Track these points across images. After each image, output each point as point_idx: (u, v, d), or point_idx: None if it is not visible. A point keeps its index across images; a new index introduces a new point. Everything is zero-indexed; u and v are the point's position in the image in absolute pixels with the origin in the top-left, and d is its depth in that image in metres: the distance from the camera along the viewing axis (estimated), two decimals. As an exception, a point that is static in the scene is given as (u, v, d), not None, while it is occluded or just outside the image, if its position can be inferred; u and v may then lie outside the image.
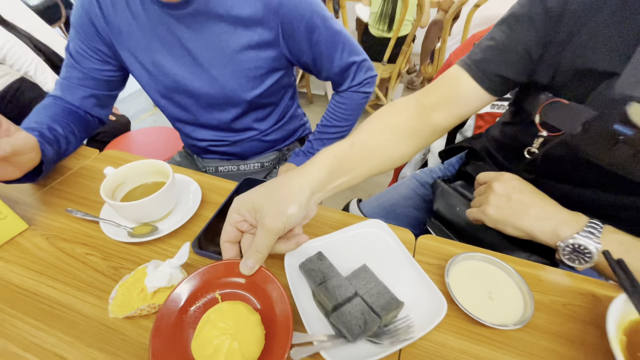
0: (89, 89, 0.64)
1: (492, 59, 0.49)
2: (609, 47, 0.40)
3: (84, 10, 0.58)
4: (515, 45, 0.47)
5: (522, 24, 0.46)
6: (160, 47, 0.60)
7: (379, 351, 0.33)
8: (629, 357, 0.30)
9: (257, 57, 0.61)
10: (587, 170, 0.45)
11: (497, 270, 0.40)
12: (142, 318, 0.37)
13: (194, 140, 0.75)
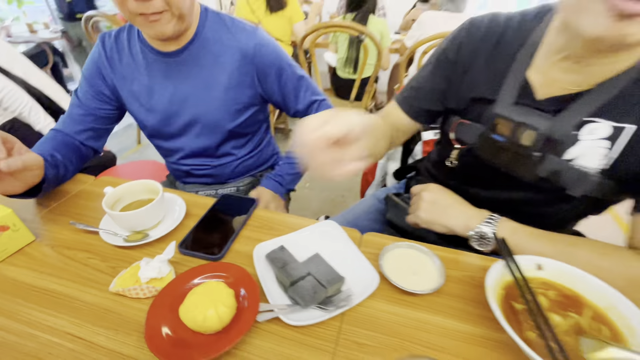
0: (88, 123, 0.75)
1: (415, 96, 0.65)
2: (488, 80, 0.55)
3: (94, 61, 0.73)
4: (430, 84, 0.63)
5: (434, 69, 0.62)
6: (158, 88, 0.73)
7: (325, 314, 0.43)
8: (505, 304, 0.42)
9: (237, 95, 0.75)
10: (489, 173, 0.58)
11: (420, 254, 0.52)
12: (135, 300, 0.45)
13: (179, 164, 0.86)
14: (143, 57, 0.72)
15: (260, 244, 0.52)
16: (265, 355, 0.39)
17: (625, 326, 0.39)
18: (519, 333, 0.37)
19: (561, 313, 0.41)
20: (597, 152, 0.46)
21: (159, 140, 0.83)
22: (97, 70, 0.73)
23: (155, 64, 0.72)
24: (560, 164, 0.48)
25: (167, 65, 0.71)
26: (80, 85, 0.75)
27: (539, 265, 0.45)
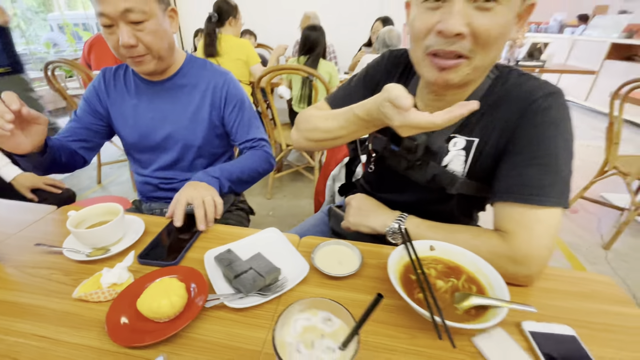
0: (82, 135, 0.89)
1: (344, 102, 0.76)
2: None
3: (93, 86, 0.90)
4: (356, 95, 0.75)
5: (361, 83, 0.76)
6: (142, 107, 0.89)
7: (264, 299, 0.52)
8: (404, 277, 0.54)
9: (207, 116, 0.91)
10: (396, 179, 0.73)
11: (345, 248, 0.63)
12: (97, 304, 0.52)
13: (151, 177, 0.97)
14: (135, 85, 0.89)
15: (210, 250, 0.61)
16: (212, 335, 0.47)
17: (488, 283, 0.52)
18: (411, 296, 0.49)
19: (444, 279, 0.54)
20: (460, 160, 0.63)
21: (137, 152, 0.95)
22: (95, 93, 0.90)
23: (143, 90, 0.89)
24: (438, 169, 0.64)
25: (153, 91, 0.89)
26: (80, 105, 0.91)
27: (432, 246, 0.59)
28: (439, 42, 0.50)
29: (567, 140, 0.55)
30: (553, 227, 0.54)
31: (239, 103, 0.94)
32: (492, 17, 0.47)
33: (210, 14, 2.05)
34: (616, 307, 0.53)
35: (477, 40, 0.48)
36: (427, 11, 0.50)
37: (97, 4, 0.71)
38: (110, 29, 0.74)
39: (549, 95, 0.55)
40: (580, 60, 4.68)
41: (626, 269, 1.69)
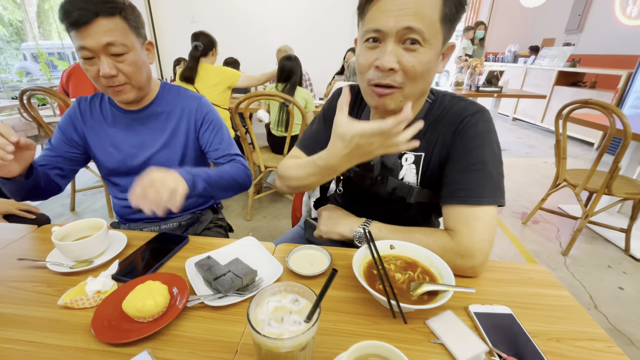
0: (57, 162, 0.90)
1: (311, 143, 0.88)
2: None
3: (69, 115, 0.92)
4: (319, 134, 0.87)
5: (322, 122, 0.87)
6: (120, 136, 0.92)
7: (241, 297, 0.57)
8: (367, 272, 0.61)
9: (184, 139, 0.95)
10: (363, 194, 0.81)
11: (316, 252, 0.70)
12: (82, 310, 0.55)
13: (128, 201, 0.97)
14: (111, 114, 0.92)
15: (191, 258, 0.66)
16: (193, 331, 0.52)
17: (439, 274, 0.60)
18: (372, 287, 0.56)
19: (402, 272, 0.61)
20: (412, 173, 0.73)
21: (117, 177, 0.97)
22: (70, 121, 0.91)
23: (120, 119, 0.92)
24: (397, 182, 0.73)
25: (131, 119, 0.92)
26: (54, 134, 0.92)
27: (392, 245, 0.66)
28: (377, 75, 0.60)
29: (493, 148, 0.66)
30: (490, 222, 0.63)
31: (213, 123, 0.99)
32: (416, 56, 0.58)
33: (197, 44, 2.20)
34: (546, 290, 0.62)
35: (406, 74, 0.60)
36: (368, 50, 0.61)
37: (78, 38, 0.73)
38: (91, 61, 0.77)
39: (475, 113, 0.66)
40: (534, 86, 5.15)
41: (583, 272, 1.83)
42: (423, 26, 0.55)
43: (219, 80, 2.23)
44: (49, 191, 0.89)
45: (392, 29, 0.56)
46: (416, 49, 0.57)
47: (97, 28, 0.73)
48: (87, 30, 0.72)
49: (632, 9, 4.69)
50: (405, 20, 0.55)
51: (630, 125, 1.59)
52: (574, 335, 0.52)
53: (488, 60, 6.29)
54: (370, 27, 0.58)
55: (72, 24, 0.72)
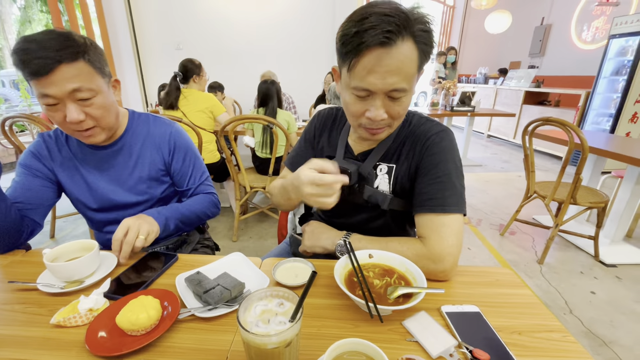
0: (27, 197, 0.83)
1: (297, 161, 0.95)
2: (330, 145, 0.89)
3: (31, 152, 0.87)
4: (303, 152, 0.94)
5: (304, 142, 0.94)
6: (96, 177, 0.91)
7: (229, 309, 0.60)
8: (348, 280, 0.66)
9: (159, 167, 0.96)
10: (344, 205, 0.87)
11: (301, 264, 0.74)
12: (74, 328, 0.57)
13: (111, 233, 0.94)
14: (81, 151, 0.90)
15: (181, 274, 0.69)
16: (184, 342, 0.55)
17: (413, 278, 0.65)
18: (352, 293, 0.61)
19: (380, 279, 0.66)
20: (385, 182, 0.80)
21: (94, 213, 0.95)
22: (35, 157, 0.86)
23: (90, 157, 0.90)
24: (372, 190, 0.80)
25: (100, 157, 0.90)
26: (17, 173, 0.86)
27: (370, 254, 0.72)
28: (369, 122, 0.70)
29: (456, 163, 0.74)
30: (457, 229, 0.70)
31: (185, 151, 0.99)
32: (401, 104, 0.67)
33: (175, 72, 2.26)
34: (511, 290, 0.69)
35: (393, 117, 0.69)
36: (358, 100, 0.68)
37: (39, 87, 0.69)
38: (55, 107, 0.73)
39: (440, 132, 0.75)
40: (504, 105, 5.48)
41: (557, 279, 1.92)
42: (406, 83, 0.64)
43: (205, 107, 2.31)
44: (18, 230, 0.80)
45: (380, 90, 0.64)
46: (401, 99, 0.66)
47: (60, 75, 0.69)
48: (48, 79, 0.69)
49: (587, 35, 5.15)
50: (391, 82, 0.63)
51: (586, 140, 1.74)
52: (533, 328, 0.58)
53: (461, 82, 6.67)
54: (359, 86, 0.65)
55: (32, 74, 0.68)
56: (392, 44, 0.60)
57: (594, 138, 2.24)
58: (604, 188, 2.33)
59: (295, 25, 3.74)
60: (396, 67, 0.62)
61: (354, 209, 0.86)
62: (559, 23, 5.64)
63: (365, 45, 0.60)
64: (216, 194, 1.07)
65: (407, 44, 0.61)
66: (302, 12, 3.72)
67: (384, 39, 0.59)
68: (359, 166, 0.80)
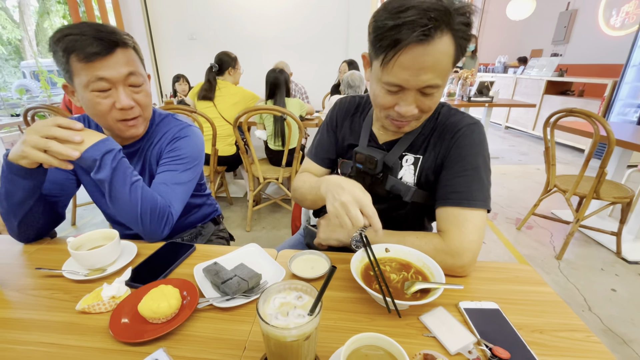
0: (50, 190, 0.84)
1: (320, 150, 0.94)
2: (352, 133, 0.88)
3: None
4: (325, 141, 0.93)
5: (326, 131, 0.93)
6: None
7: (247, 299, 0.61)
8: (364, 273, 0.65)
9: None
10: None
11: (317, 257, 0.74)
12: (98, 314, 0.59)
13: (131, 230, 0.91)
14: None
15: (199, 264, 0.70)
16: (204, 331, 0.56)
17: (430, 273, 0.64)
18: (369, 287, 0.60)
19: (397, 273, 0.65)
20: (410, 173, 0.78)
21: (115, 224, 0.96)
22: None
23: None
24: (395, 181, 0.79)
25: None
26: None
27: (387, 248, 0.71)
28: (398, 115, 0.68)
29: (485, 157, 0.72)
30: (480, 225, 0.68)
31: (176, 154, 0.86)
32: (432, 99, 0.65)
33: (212, 64, 2.34)
34: (531, 287, 0.67)
35: (423, 111, 0.68)
36: (388, 94, 0.66)
37: (94, 69, 0.69)
38: (106, 93, 0.73)
39: (471, 125, 0.74)
40: (524, 95, 5.29)
41: (576, 275, 1.88)
42: (440, 79, 0.62)
43: (238, 100, 2.35)
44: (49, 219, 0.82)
45: (412, 87, 0.62)
46: (433, 92, 0.64)
47: (117, 58, 0.72)
48: (106, 61, 0.71)
49: (616, 20, 4.89)
50: (425, 79, 0.61)
51: (613, 132, 1.67)
52: (555, 327, 0.57)
53: (479, 71, 6.46)
54: (391, 82, 0.63)
55: (91, 55, 0.69)
56: (430, 40, 0.57)
57: (620, 130, 2.14)
58: (629, 182, 2.24)
59: (309, 14, 3.67)
60: (432, 64, 0.59)
61: (375, 199, 0.83)
62: (586, 8, 5.36)
63: (401, 42, 0.57)
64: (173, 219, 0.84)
65: (445, 39, 0.58)
66: (316, 1, 3.65)
67: (422, 37, 0.56)
68: (384, 155, 0.79)
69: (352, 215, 0.60)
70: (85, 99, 0.74)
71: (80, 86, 0.73)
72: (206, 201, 1.12)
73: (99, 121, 0.80)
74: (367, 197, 0.63)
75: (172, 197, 0.84)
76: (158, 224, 0.79)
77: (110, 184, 0.72)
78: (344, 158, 0.92)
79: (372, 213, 0.61)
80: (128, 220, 0.77)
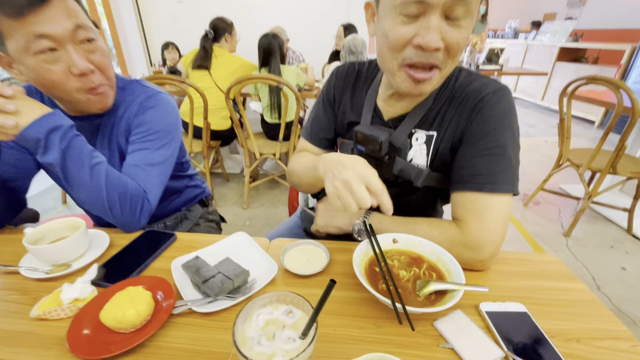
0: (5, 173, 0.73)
1: (315, 130, 0.82)
2: (353, 108, 0.75)
3: None
4: (322, 119, 0.81)
5: (322, 107, 0.81)
6: None
7: (232, 301, 0.52)
8: (369, 269, 0.56)
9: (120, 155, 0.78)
10: None
11: (313, 247, 0.65)
12: (56, 321, 0.50)
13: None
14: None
15: (177, 258, 0.61)
16: (179, 341, 0.47)
17: (446, 270, 0.55)
18: (375, 287, 0.51)
19: (407, 269, 0.56)
20: (422, 153, 0.67)
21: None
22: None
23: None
24: (404, 164, 0.68)
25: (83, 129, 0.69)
26: None
27: (395, 239, 0.61)
28: (417, 54, 0.53)
29: (513, 132, 0.60)
30: (503, 212, 0.58)
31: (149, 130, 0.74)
32: (461, 32, 0.51)
33: (207, 30, 2.14)
34: (562, 283, 0.58)
35: (449, 52, 0.53)
36: (403, 24, 0.52)
37: (32, 25, 0.55)
38: (55, 55, 0.59)
39: (496, 92, 0.60)
40: (534, 63, 5.02)
41: (584, 253, 1.81)
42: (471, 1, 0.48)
43: (235, 69, 2.18)
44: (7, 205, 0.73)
45: (438, 1, 0.48)
46: (461, 23, 0.50)
47: (55, 10, 0.57)
48: (42, 13, 0.56)
49: (638, -20, 4.51)
50: None
51: (639, 101, 1.53)
52: (594, 334, 0.48)
53: (488, 37, 6.11)
54: None
55: (20, 8, 0.54)
56: None
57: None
58: (646, 156, 2.12)
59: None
60: None
61: None
62: (606, -34, 4.94)
63: None
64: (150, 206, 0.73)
65: None
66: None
67: None
68: (390, 134, 0.67)
69: (356, 193, 0.49)
70: (29, 68, 0.60)
71: (18, 52, 0.58)
72: (189, 182, 1.00)
73: (54, 94, 0.66)
74: (373, 173, 0.52)
75: (146, 181, 0.72)
76: (131, 212, 0.68)
77: (62, 168, 0.60)
78: (344, 138, 0.80)
79: (380, 190, 0.50)
80: (95, 209, 0.66)
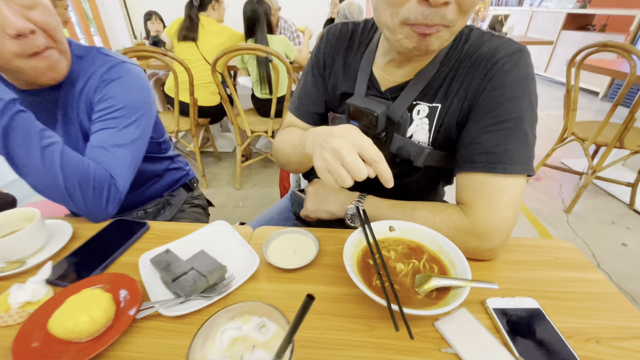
0: None
1: (304, 103, 0.73)
2: (346, 77, 0.66)
3: None
4: (311, 91, 0.72)
5: (311, 77, 0.71)
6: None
7: (207, 302, 0.46)
8: (362, 262, 0.49)
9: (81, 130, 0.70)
10: None
11: (300, 236, 0.58)
12: (4, 329, 0.44)
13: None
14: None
15: (146, 253, 0.54)
16: (144, 350, 0.41)
17: (449, 261, 0.49)
18: (368, 283, 0.45)
19: (405, 261, 0.50)
20: (425, 129, 0.59)
21: None
22: None
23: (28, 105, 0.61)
24: (403, 141, 0.60)
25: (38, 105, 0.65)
26: None
27: (391, 227, 0.54)
28: (421, 11, 0.43)
29: (532, 102, 0.51)
30: (515, 196, 0.51)
31: (113, 105, 0.65)
32: None
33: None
34: (578, 273, 0.52)
35: (460, 7, 0.43)
36: None
37: None
38: None
39: (512, 55, 0.51)
40: (539, 31, 4.80)
41: (585, 229, 1.77)
42: None
43: (224, 41, 2.04)
44: None
45: None
46: None
47: None
48: None
49: (653, -62, 4.21)
50: None
51: (653, 69, 1.42)
52: (615, 332, 0.43)
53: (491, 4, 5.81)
54: None
55: None
56: None
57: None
58: (652, 128, 2.04)
59: None
60: None
61: None
62: None
63: None
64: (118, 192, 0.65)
65: None
66: None
67: None
68: (388, 107, 0.58)
69: (348, 162, 0.42)
70: None
71: None
72: (170, 165, 0.92)
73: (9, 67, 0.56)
74: (367, 140, 0.44)
75: (113, 164, 0.64)
76: (96, 200, 0.61)
77: (5, 149, 0.52)
78: (337, 112, 0.71)
79: (376, 156, 0.43)
80: (52, 197, 0.59)
